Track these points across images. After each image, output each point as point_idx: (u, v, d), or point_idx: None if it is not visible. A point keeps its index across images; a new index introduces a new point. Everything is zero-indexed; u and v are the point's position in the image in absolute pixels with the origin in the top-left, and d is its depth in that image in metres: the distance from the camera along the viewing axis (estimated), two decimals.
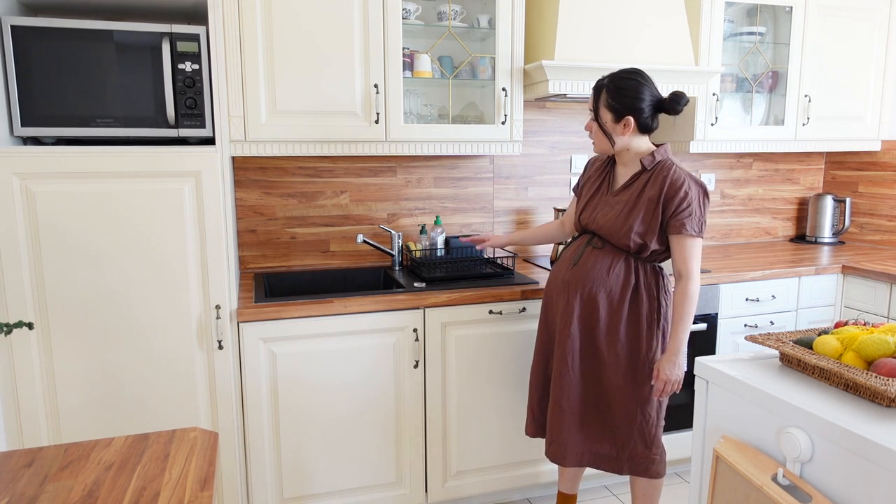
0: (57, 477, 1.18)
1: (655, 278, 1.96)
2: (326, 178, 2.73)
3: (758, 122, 3.16)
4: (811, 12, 2.97)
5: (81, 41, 1.93)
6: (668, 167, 1.91)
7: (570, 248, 2.08)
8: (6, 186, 1.83)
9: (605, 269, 1.95)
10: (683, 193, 1.85)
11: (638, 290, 1.95)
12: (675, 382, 1.90)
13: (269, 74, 2.23)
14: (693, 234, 1.86)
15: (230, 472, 2.15)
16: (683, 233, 1.86)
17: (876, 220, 3.33)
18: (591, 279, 1.95)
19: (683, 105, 1.90)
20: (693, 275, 1.89)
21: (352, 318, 2.20)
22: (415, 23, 2.51)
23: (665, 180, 1.88)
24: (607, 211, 1.96)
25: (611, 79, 1.93)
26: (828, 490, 1.22)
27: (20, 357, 1.92)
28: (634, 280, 1.94)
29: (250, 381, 2.13)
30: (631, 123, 1.90)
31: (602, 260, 1.95)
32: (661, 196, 1.87)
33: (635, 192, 1.92)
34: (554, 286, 2.08)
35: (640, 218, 1.89)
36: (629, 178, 1.96)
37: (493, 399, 2.41)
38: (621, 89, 1.89)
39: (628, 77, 1.91)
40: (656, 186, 1.89)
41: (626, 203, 1.93)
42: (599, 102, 1.94)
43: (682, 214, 1.85)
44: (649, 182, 1.91)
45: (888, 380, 1.22)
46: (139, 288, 1.98)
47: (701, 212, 1.88)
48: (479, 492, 2.46)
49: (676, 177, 1.88)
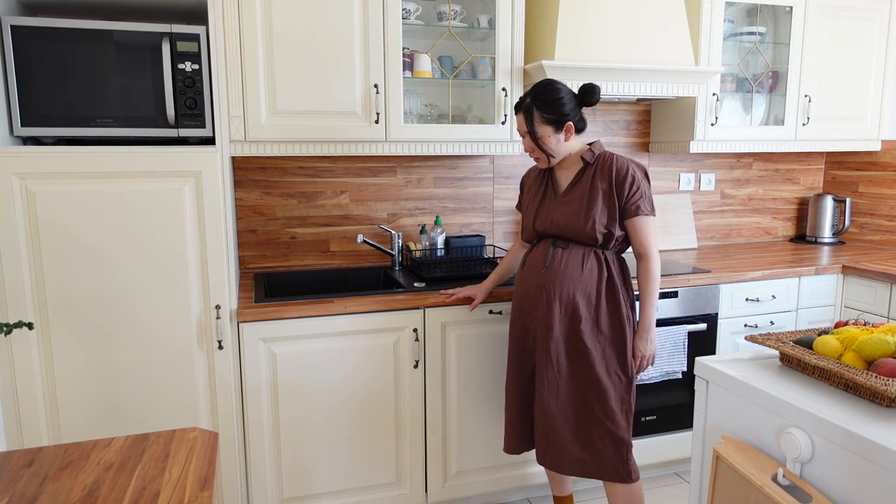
0: (57, 477, 1.18)
1: (621, 268, 2.04)
2: (326, 178, 2.73)
3: (758, 122, 3.16)
4: (811, 12, 2.97)
5: (81, 41, 1.93)
6: (609, 157, 1.99)
7: (535, 254, 2.08)
8: (6, 186, 1.83)
9: (578, 268, 1.98)
10: (630, 178, 1.94)
11: (612, 282, 2.00)
12: (650, 357, 2.02)
13: (269, 74, 2.23)
14: (647, 212, 1.96)
15: (230, 472, 2.15)
16: (640, 214, 1.96)
17: (876, 220, 3.33)
18: (567, 279, 1.98)
19: (598, 93, 1.97)
20: (653, 252, 1.98)
21: (352, 318, 2.20)
22: (415, 23, 2.51)
23: (611, 169, 1.96)
24: (564, 211, 2.00)
25: (534, 96, 1.97)
26: (828, 490, 1.22)
27: (20, 357, 1.92)
28: (607, 273, 1.99)
29: (250, 381, 2.13)
30: (572, 128, 1.98)
31: (572, 259, 1.99)
32: (612, 184, 1.95)
33: (586, 187, 1.98)
34: (527, 293, 2.07)
35: (600, 209, 1.95)
36: (574, 177, 2.02)
37: (493, 399, 2.41)
38: (550, 101, 1.95)
39: (549, 88, 1.97)
40: (605, 177, 1.97)
41: (580, 199, 1.98)
42: (534, 122, 1.97)
43: (635, 197, 1.95)
44: (596, 174, 1.98)
45: (888, 380, 1.22)
46: (139, 288, 1.98)
47: (648, 192, 1.98)
48: (479, 492, 2.46)
49: (621, 164, 1.97)
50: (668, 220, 3.22)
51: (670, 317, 2.56)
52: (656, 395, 2.60)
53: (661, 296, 2.50)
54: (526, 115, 2.00)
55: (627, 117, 3.14)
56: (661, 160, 3.23)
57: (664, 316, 2.54)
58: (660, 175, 3.25)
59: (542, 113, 1.96)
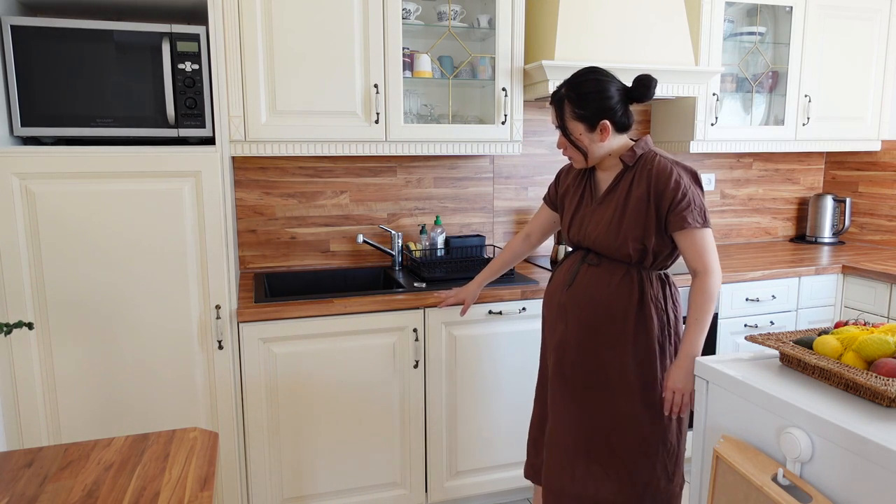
0: (57, 477, 1.18)
1: (662, 289, 1.76)
2: (326, 178, 2.73)
3: (758, 122, 3.16)
4: (811, 12, 2.96)
5: (81, 41, 1.93)
6: (650, 159, 1.72)
7: (563, 268, 1.87)
8: (6, 186, 1.83)
9: (605, 288, 1.74)
10: (675, 184, 1.66)
11: (644, 305, 1.73)
12: (688, 394, 1.68)
13: (269, 74, 2.23)
14: (698, 225, 1.66)
15: (230, 472, 2.15)
16: (687, 227, 1.66)
17: (876, 220, 3.33)
18: (591, 301, 1.76)
19: (654, 88, 1.70)
20: (711, 268, 1.68)
21: (352, 318, 2.20)
22: (415, 23, 2.51)
23: (650, 174, 1.69)
24: (597, 222, 1.76)
25: (569, 86, 1.73)
26: (828, 490, 1.22)
27: (20, 357, 1.92)
28: (639, 294, 1.73)
29: (250, 381, 2.13)
30: (608, 127, 1.71)
31: (600, 278, 1.75)
32: (651, 191, 1.68)
33: (622, 195, 1.73)
34: (549, 311, 1.89)
35: (634, 221, 1.69)
36: (612, 181, 1.77)
37: (493, 399, 2.41)
38: (585, 94, 1.70)
39: (587, 79, 1.71)
40: (643, 183, 1.70)
41: (614, 209, 1.73)
42: (565, 116, 1.73)
43: (680, 207, 1.66)
44: (634, 180, 1.72)
45: (888, 380, 1.22)
46: (139, 288, 1.98)
47: (700, 200, 1.69)
48: (479, 492, 2.46)
49: (662, 167, 1.69)
50: None
51: None
52: None
53: None
54: (557, 107, 1.75)
55: None
56: None
57: None
58: None
59: (575, 107, 1.70)
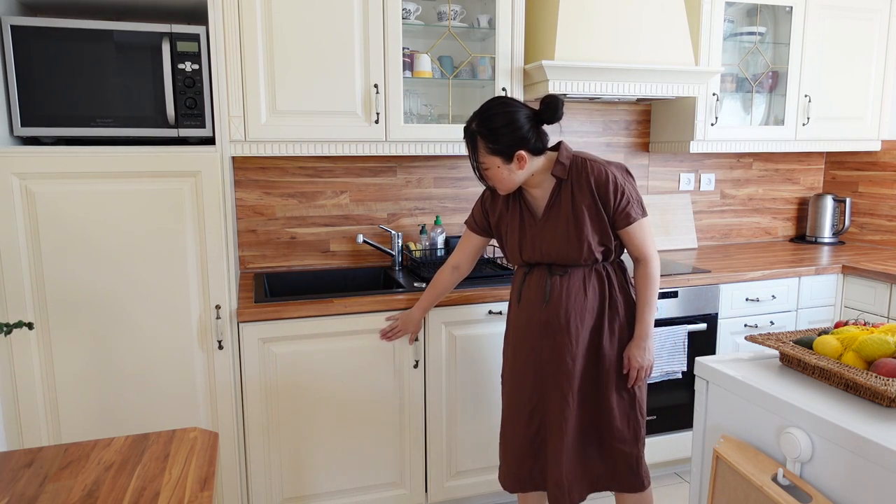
0: (57, 477, 1.18)
1: (623, 275, 1.91)
2: (326, 178, 2.73)
3: (758, 122, 3.16)
4: (811, 12, 2.97)
5: (81, 41, 1.93)
6: (582, 166, 1.78)
7: (531, 287, 1.90)
8: (6, 186, 1.83)
9: (582, 294, 1.84)
10: (614, 186, 1.76)
11: (613, 296, 1.87)
12: (648, 368, 1.85)
13: (269, 74, 2.23)
14: (638, 216, 1.80)
15: (230, 472, 2.15)
16: (631, 221, 1.79)
17: (876, 220, 3.33)
18: (574, 310, 1.84)
19: (562, 108, 1.73)
20: (652, 254, 1.84)
21: (352, 318, 2.20)
22: (415, 23, 2.51)
23: (589, 180, 1.77)
24: (552, 238, 1.82)
25: (479, 122, 1.74)
26: (828, 490, 1.22)
27: (20, 357, 1.92)
28: (608, 288, 1.87)
29: (250, 382, 2.13)
30: (524, 156, 1.73)
31: (573, 286, 1.84)
32: (595, 197, 1.77)
33: (567, 207, 1.80)
34: (528, 331, 1.90)
35: (591, 228, 1.79)
36: (549, 197, 1.82)
37: (494, 399, 2.41)
38: (495, 129, 1.71)
39: (495, 112, 1.72)
40: (585, 191, 1.78)
41: (566, 222, 1.80)
42: (479, 152, 1.75)
43: (622, 205, 1.78)
44: (574, 189, 1.79)
45: (888, 380, 1.22)
46: (139, 288, 1.98)
47: (636, 192, 1.81)
48: (479, 492, 2.46)
49: (598, 173, 1.77)
50: (668, 220, 3.22)
51: (670, 317, 2.56)
52: (656, 395, 2.60)
53: (661, 296, 2.50)
54: (470, 143, 1.76)
55: (627, 117, 3.14)
56: (661, 160, 3.23)
57: (664, 316, 2.54)
58: (660, 175, 3.24)
59: (487, 143, 1.72)
